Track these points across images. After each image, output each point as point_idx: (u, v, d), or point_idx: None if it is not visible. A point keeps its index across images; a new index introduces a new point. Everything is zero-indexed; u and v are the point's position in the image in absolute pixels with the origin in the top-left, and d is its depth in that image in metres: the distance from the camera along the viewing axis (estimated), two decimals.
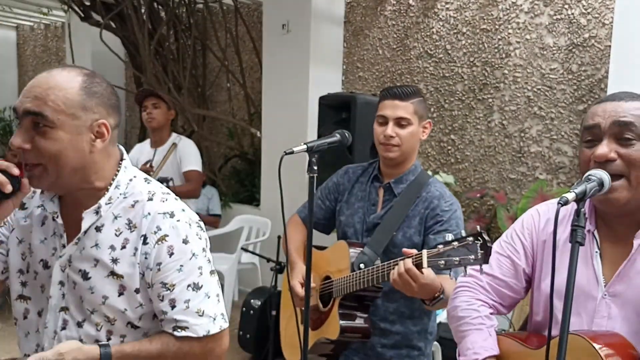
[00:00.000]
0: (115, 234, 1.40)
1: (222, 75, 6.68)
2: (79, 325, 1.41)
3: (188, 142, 4.06)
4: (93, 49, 7.16)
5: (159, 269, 1.37)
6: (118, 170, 1.44)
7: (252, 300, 4.24)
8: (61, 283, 1.41)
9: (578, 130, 4.05)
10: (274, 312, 3.56)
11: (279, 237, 3.75)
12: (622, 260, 1.40)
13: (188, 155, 3.94)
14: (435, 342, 3.45)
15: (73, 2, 6.18)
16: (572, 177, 4.10)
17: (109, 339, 1.40)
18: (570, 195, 1.21)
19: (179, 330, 1.39)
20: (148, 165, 3.92)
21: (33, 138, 1.30)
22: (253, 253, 4.68)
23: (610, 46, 3.54)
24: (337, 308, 2.07)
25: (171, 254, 1.38)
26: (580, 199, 1.23)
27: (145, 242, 1.38)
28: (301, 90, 5.03)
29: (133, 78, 7.19)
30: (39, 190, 1.48)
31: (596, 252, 1.45)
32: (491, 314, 1.61)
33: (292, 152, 1.76)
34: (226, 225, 5.56)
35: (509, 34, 4.33)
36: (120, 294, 1.38)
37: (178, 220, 1.41)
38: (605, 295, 1.41)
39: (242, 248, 4.73)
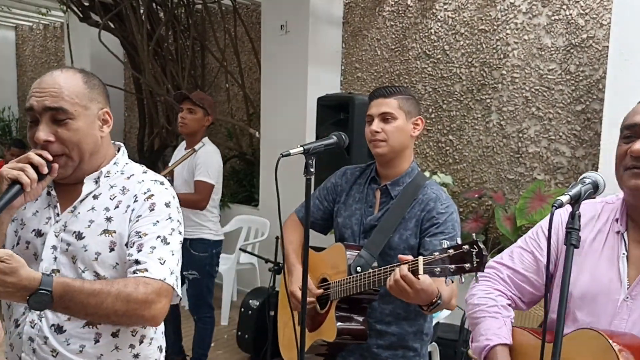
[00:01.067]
0: (110, 198, 1.55)
1: (220, 76, 6.68)
2: None
3: (208, 151, 3.82)
4: (92, 49, 7.17)
5: (137, 220, 1.51)
6: (116, 155, 1.64)
7: (250, 301, 4.25)
8: (54, 247, 1.51)
9: (576, 131, 4.05)
10: (272, 313, 3.57)
11: (277, 238, 3.75)
12: None
13: (204, 164, 3.73)
14: (434, 343, 3.47)
15: (72, 2, 6.18)
16: (570, 177, 4.10)
17: None
18: (565, 198, 1.22)
19: (138, 272, 1.44)
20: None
21: (56, 131, 1.46)
22: (251, 254, 4.68)
23: (608, 47, 3.54)
24: (334, 310, 2.08)
25: (152, 210, 1.52)
26: (575, 201, 1.24)
27: (135, 200, 1.53)
28: (300, 91, 5.03)
29: (132, 78, 7.19)
30: None
31: (623, 253, 1.44)
32: (509, 305, 1.62)
33: (289, 154, 1.76)
34: (225, 225, 5.56)
35: (507, 34, 4.34)
36: (112, 249, 1.50)
37: (166, 189, 1.59)
38: (627, 297, 1.40)
39: (240, 249, 4.74)
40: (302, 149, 1.79)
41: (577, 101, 4.05)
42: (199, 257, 3.79)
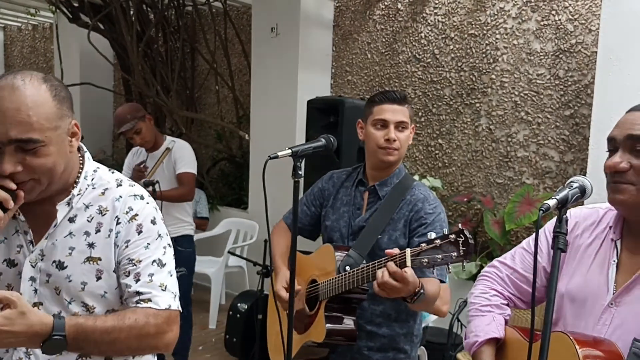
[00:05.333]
0: (88, 220, 1.43)
1: (210, 78, 6.67)
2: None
3: (182, 145, 3.99)
4: (81, 50, 7.13)
5: (126, 246, 1.42)
6: (82, 162, 1.48)
7: (238, 304, 4.23)
8: (32, 279, 1.40)
9: (564, 136, 4.08)
10: (260, 316, 3.55)
11: (265, 241, 3.74)
12: (637, 271, 1.41)
13: (181, 158, 3.88)
14: (422, 347, 3.46)
15: (61, 3, 6.15)
16: (559, 182, 4.12)
17: None
18: (552, 202, 1.22)
19: (142, 302, 1.39)
20: (142, 166, 3.89)
21: (24, 159, 1.30)
22: (240, 257, 4.67)
23: (596, 52, 3.56)
24: (324, 311, 2.07)
25: (139, 232, 1.43)
26: (562, 205, 1.24)
27: (118, 222, 1.43)
28: (290, 94, 5.03)
29: (121, 80, 7.16)
30: None
31: (614, 261, 1.46)
32: (505, 304, 1.64)
33: (277, 157, 1.75)
34: (214, 228, 5.54)
35: (497, 39, 4.36)
36: (98, 278, 1.41)
37: (147, 203, 1.48)
38: (611, 304, 1.42)
39: (229, 251, 4.72)
40: (290, 151, 1.78)
41: (566, 106, 4.07)
42: (187, 253, 3.87)
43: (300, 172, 1.76)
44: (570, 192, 1.27)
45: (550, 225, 1.65)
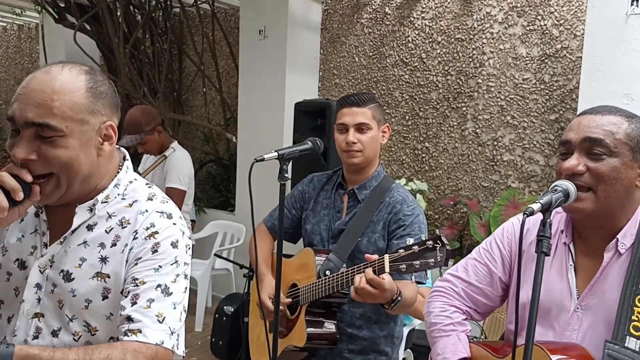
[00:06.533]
0: (106, 231, 1.28)
1: (198, 80, 6.64)
2: (54, 334, 1.27)
3: (179, 156, 3.84)
4: (67, 51, 7.05)
5: (135, 264, 1.25)
6: (119, 171, 1.35)
7: (224, 307, 4.21)
8: (38, 286, 1.27)
9: (550, 140, 4.11)
10: (246, 319, 3.54)
11: None
12: (595, 273, 1.42)
13: (173, 171, 3.76)
14: (408, 350, 3.47)
15: (47, 3, 6.09)
16: (544, 185, 4.15)
17: None
18: (536, 206, 1.23)
19: (130, 334, 1.19)
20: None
21: (40, 147, 1.18)
22: (226, 259, 4.65)
23: (581, 57, 3.59)
24: (304, 315, 2.07)
25: (154, 251, 1.26)
26: (546, 209, 1.25)
27: (135, 237, 1.27)
28: (277, 96, 5.02)
29: None
30: None
31: (571, 265, 1.46)
32: (465, 319, 1.63)
33: (263, 159, 1.75)
34: (200, 230, 5.52)
35: (483, 43, 4.38)
36: (105, 297, 1.25)
37: (174, 224, 1.31)
38: (577, 308, 1.43)
39: (215, 254, 4.70)
40: (276, 154, 1.79)
41: (551, 110, 4.10)
42: None
43: (286, 175, 1.77)
44: (555, 196, 1.28)
45: (498, 232, 1.65)
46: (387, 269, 1.69)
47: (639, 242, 1.39)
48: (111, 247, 1.27)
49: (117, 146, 1.37)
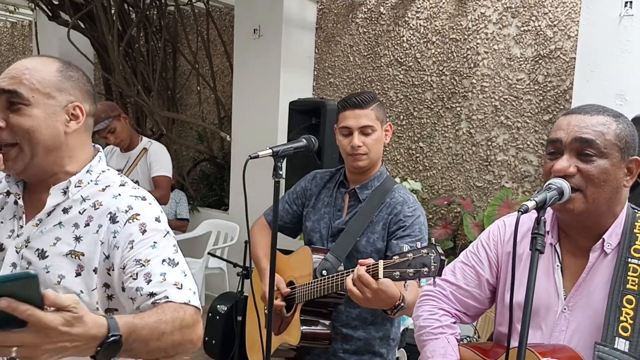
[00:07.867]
0: (80, 213, 1.37)
1: (192, 79, 6.63)
2: None
3: (159, 147, 3.97)
4: (60, 48, 7.02)
5: (131, 247, 1.32)
6: (92, 159, 1.45)
7: (218, 306, 4.20)
8: (13, 265, 1.35)
9: (543, 140, 4.12)
10: (239, 318, 3.54)
11: (246, 243, 3.72)
12: (582, 273, 1.41)
13: (158, 161, 3.84)
14: (402, 349, 3.47)
15: (41, 0, 6.07)
16: (537, 185, 4.17)
17: None
18: (531, 204, 1.22)
19: (159, 302, 1.27)
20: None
21: (8, 116, 1.31)
22: (220, 258, 4.64)
23: (575, 58, 3.61)
24: (299, 314, 2.07)
25: (144, 231, 1.35)
26: (540, 207, 1.24)
27: (114, 221, 1.34)
28: (272, 95, 5.02)
29: (102, 79, 7.09)
30: (2, 176, 1.46)
31: (557, 265, 1.46)
32: (454, 323, 1.63)
33: (257, 157, 1.75)
34: (194, 229, 5.51)
35: (478, 44, 4.39)
36: (78, 274, 1.33)
37: (150, 204, 1.41)
38: (565, 309, 1.42)
39: (209, 253, 4.69)
40: (270, 151, 1.78)
41: (545, 111, 4.11)
42: None
43: (280, 173, 1.76)
44: (549, 194, 1.27)
45: (484, 234, 1.64)
46: (380, 275, 1.68)
47: (624, 241, 1.39)
48: (84, 227, 1.36)
49: (94, 144, 1.49)
